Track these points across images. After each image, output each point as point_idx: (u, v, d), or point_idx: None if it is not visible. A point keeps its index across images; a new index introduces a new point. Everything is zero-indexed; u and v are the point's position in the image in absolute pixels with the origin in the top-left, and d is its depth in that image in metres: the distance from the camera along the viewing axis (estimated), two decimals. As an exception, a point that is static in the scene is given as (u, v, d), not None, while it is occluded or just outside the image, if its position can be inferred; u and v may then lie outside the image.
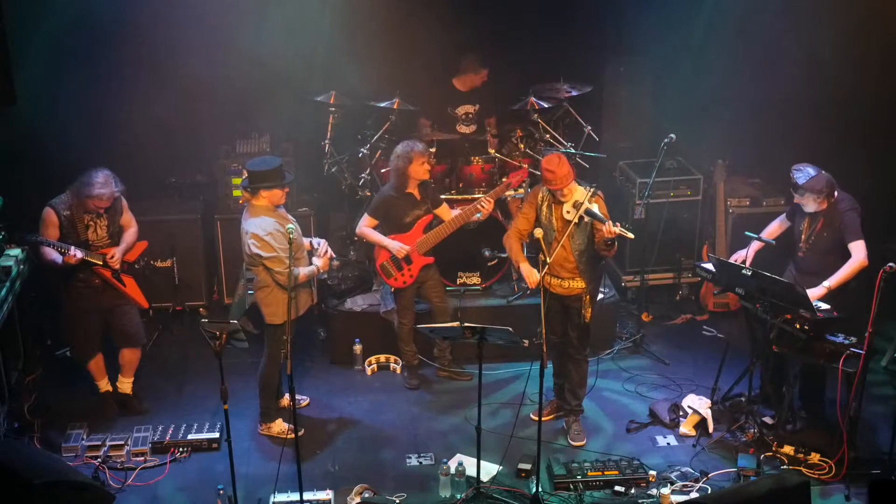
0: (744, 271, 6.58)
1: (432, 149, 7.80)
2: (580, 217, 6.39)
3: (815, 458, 6.53)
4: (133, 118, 8.23)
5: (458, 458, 6.67)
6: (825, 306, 6.48)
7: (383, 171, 7.92)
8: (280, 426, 6.97)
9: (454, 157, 8.04)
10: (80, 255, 6.66)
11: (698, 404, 7.00)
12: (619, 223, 6.24)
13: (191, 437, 6.81)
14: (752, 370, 6.68)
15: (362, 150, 8.14)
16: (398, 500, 6.31)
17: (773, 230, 7.10)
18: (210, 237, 8.49)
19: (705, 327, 8.46)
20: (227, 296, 8.53)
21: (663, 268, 8.68)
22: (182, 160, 8.84)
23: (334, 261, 6.97)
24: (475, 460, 6.31)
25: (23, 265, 7.06)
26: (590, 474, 6.43)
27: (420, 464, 6.73)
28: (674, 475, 6.50)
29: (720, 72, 8.56)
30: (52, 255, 6.68)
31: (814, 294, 6.48)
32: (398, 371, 7.82)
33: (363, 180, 8.21)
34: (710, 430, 6.93)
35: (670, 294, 8.84)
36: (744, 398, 6.99)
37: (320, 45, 8.36)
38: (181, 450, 6.76)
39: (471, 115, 8.50)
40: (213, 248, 8.50)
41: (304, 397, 7.38)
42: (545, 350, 6.04)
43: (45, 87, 7.75)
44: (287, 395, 7.00)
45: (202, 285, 8.51)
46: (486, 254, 7.83)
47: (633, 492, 6.37)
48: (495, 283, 8.06)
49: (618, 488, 6.36)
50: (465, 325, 6.03)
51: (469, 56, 8.43)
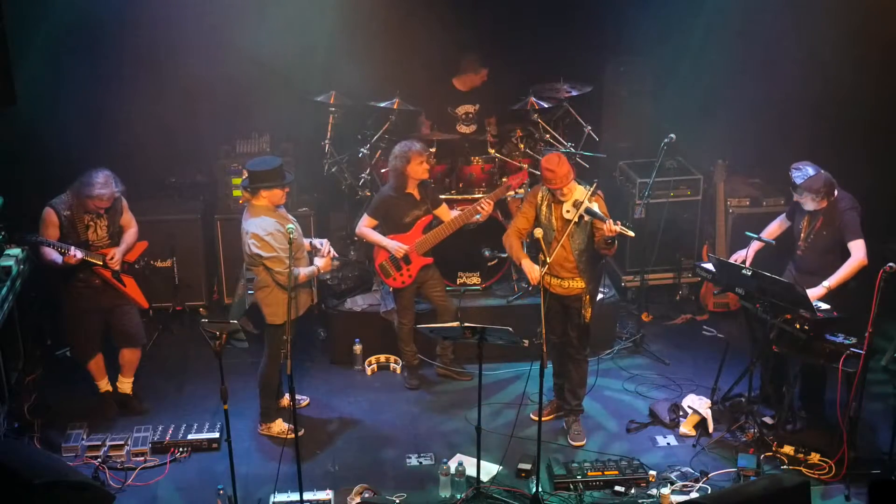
0: (744, 271, 6.58)
1: (432, 149, 7.81)
2: (580, 216, 6.39)
3: (815, 458, 6.53)
4: (133, 118, 8.23)
5: (458, 458, 6.67)
6: (825, 306, 6.47)
7: (383, 171, 7.91)
8: (280, 426, 6.97)
9: (454, 156, 8.04)
10: (80, 255, 6.66)
11: (698, 404, 7.00)
12: (620, 221, 6.24)
13: (191, 437, 6.81)
14: (752, 370, 6.67)
15: (362, 150, 8.14)
16: (398, 500, 6.31)
17: (773, 230, 7.09)
18: (210, 237, 8.48)
19: (705, 327, 8.46)
20: (227, 296, 8.53)
21: (663, 268, 8.67)
22: (182, 160, 8.83)
23: (335, 261, 6.96)
24: (475, 460, 6.31)
25: (23, 265, 7.06)
26: (590, 474, 6.43)
27: (420, 464, 6.73)
28: (674, 475, 6.50)
29: (720, 72, 8.55)
30: (52, 255, 6.68)
31: (814, 294, 6.47)
32: (398, 371, 7.82)
33: (363, 180, 8.21)
34: (710, 430, 6.93)
35: (670, 294, 8.84)
36: (744, 398, 6.98)
37: (320, 45, 8.35)
38: (181, 450, 6.75)
39: (471, 115, 8.50)
40: (213, 248, 8.49)
41: (304, 397, 7.38)
42: (545, 350, 6.03)
43: (45, 87, 7.75)
44: (287, 395, 7.00)
45: (202, 285, 8.51)
46: (486, 254, 7.83)
47: (633, 492, 6.37)
48: (495, 283, 8.06)
49: (618, 488, 6.36)
50: (465, 325, 6.03)
51: (469, 56, 8.42)
